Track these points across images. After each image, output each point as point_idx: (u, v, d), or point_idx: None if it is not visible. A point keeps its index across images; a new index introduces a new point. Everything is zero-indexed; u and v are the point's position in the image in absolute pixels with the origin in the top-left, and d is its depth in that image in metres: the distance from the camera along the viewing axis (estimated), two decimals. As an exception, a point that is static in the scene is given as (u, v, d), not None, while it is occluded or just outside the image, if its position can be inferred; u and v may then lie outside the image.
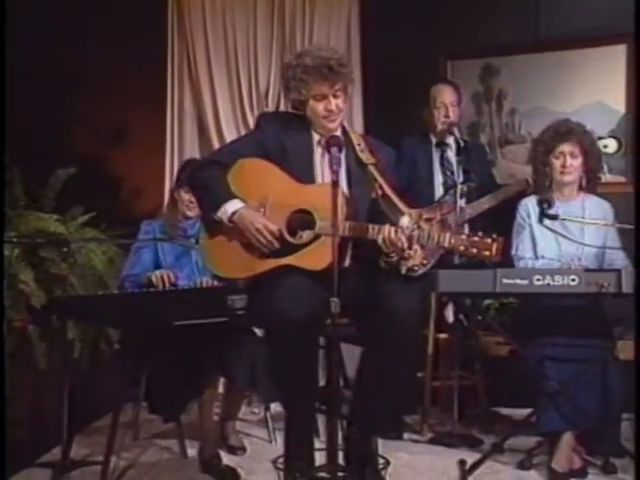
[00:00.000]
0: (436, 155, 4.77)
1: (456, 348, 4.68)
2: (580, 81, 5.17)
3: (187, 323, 3.70)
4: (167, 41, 5.60)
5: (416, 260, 4.10)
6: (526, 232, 4.22)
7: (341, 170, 3.32)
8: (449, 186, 4.65)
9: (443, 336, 4.77)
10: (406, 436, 4.61)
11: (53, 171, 4.95)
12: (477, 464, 3.93)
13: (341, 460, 3.20)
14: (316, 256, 3.21)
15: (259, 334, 4.13)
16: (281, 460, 3.35)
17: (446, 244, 3.09)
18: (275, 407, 4.45)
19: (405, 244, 3.15)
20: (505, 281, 3.68)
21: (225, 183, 3.37)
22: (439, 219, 4.54)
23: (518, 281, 3.69)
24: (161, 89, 5.61)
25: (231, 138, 4.87)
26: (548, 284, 3.66)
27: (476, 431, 4.61)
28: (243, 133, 5.11)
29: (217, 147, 5.14)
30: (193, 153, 5.40)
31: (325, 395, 3.25)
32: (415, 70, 5.18)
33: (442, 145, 4.77)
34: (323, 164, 3.37)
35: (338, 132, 3.45)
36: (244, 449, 4.38)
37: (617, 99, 5.10)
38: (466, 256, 3.18)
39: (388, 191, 3.35)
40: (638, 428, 3.58)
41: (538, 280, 3.67)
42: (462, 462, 4.03)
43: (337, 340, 3.12)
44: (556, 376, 3.86)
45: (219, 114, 5.57)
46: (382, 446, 3.50)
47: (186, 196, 4.37)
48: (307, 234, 3.28)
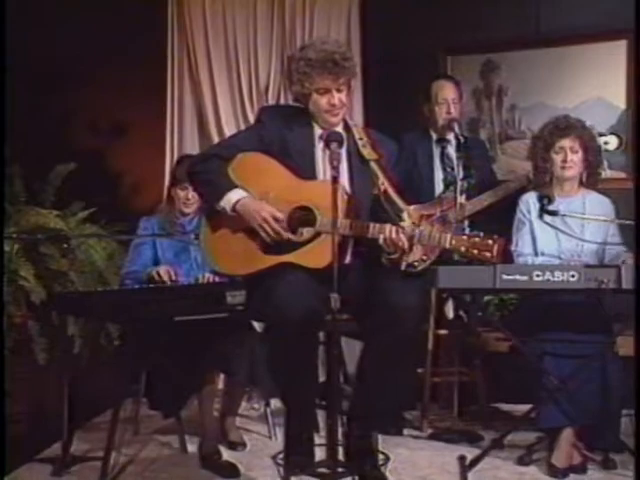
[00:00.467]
0: (436, 151, 4.76)
1: (456, 344, 4.71)
2: (580, 77, 5.17)
3: (187, 319, 3.71)
4: (167, 36, 5.61)
5: (416, 256, 4.13)
6: (526, 228, 4.21)
7: (342, 166, 3.32)
8: (449, 182, 4.64)
9: (443, 332, 4.75)
10: (406, 432, 4.61)
11: (53, 167, 4.95)
12: (477, 460, 3.92)
13: (341, 456, 3.19)
14: (316, 254, 3.21)
15: (259, 330, 4.14)
16: (281, 456, 3.35)
17: (447, 245, 3.10)
18: (275, 403, 4.45)
19: (406, 244, 3.16)
20: (505, 277, 3.67)
21: (226, 174, 3.36)
22: (439, 215, 4.54)
23: (518, 277, 3.68)
24: (161, 84, 5.62)
25: (231, 133, 4.86)
26: (548, 280, 3.66)
27: (476, 427, 4.61)
28: (243, 128, 5.10)
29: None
30: (193, 148, 5.41)
31: (325, 391, 3.24)
32: (415, 65, 5.19)
33: (442, 141, 4.76)
34: (325, 159, 3.34)
35: (340, 126, 3.43)
36: (244, 445, 4.38)
37: (617, 95, 5.10)
38: (466, 257, 3.17)
39: (389, 188, 3.33)
40: (638, 424, 3.58)
41: (538, 276, 3.67)
42: (462, 458, 4.02)
43: (337, 336, 3.13)
44: (556, 372, 3.86)
45: (219, 109, 5.58)
46: (382, 442, 3.50)
47: (182, 193, 4.37)
48: (308, 231, 3.28)
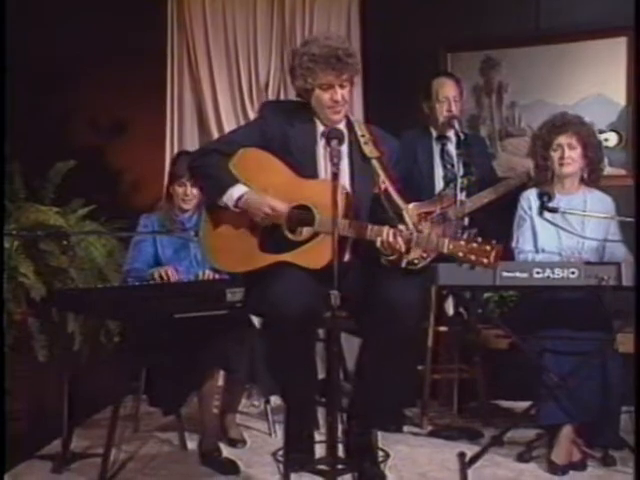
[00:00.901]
0: (436, 148, 4.76)
1: (456, 341, 4.72)
2: (580, 74, 5.15)
3: (187, 316, 3.70)
4: (167, 34, 5.60)
5: (416, 253, 4.12)
6: (527, 225, 4.22)
7: (344, 163, 3.32)
8: (449, 179, 4.64)
9: (443, 329, 4.76)
10: (406, 429, 4.62)
11: (53, 164, 4.95)
12: (477, 457, 3.92)
13: (341, 453, 3.20)
14: (314, 254, 3.20)
15: (258, 327, 4.14)
16: (281, 452, 3.36)
17: (444, 250, 3.08)
18: (275, 400, 4.46)
19: (403, 248, 3.14)
20: (505, 274, 3.68)
21: (228, 169, 3.35)
22: (439, 212, 4.55)
23: (518, 274, 3.68)
24: (161, 82, 5.61)
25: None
26: (548, 277, 3.66)
27: (476, 424, 4.61)
28: (244, 124, 5.10)
29: (217, 139, 5.14)
30: (193, 146, 5.40)
31: (325, 388, 3.24)
32: (415, 63, 5.17)
33: (442, 138, 4.76)
34: (326, 156, 3.31)
35: (343, 123, 3.42)
36: (244, 442, 4.39)
37: (617, 92, 5.09)
38: (463, 262, 3.16)
39: (390, 187, 3.32)
40: (638, 421, 3.58)
41: (538, 273, 3.67)
42: (462, 454, 4.01)
43: (337, 333, 3.13)
44: (556, 369, 3.87)
45: (219, 106, 5.57)
46: (382, 439, 3.52)
47: (180, 189, 4.39)
48: (307, 230, 3.27)
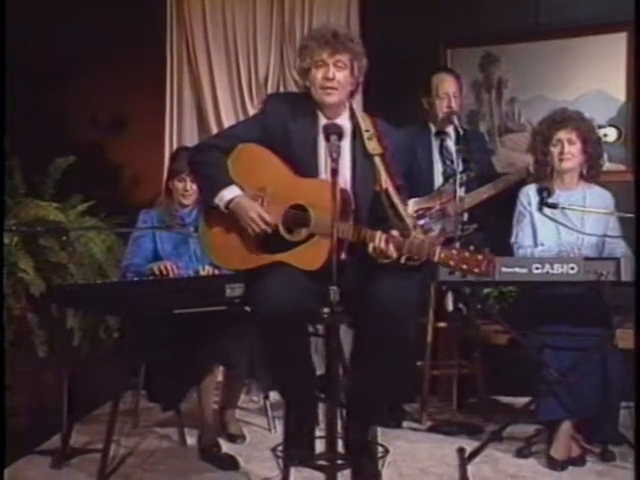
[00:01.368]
0: (435, 144, 4.76)
1: (455, 337, 4.72)
2: (580, 69, 5.15)
3: (186, 312, 3.69)
4: (166, 29, 5.60)
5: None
6: (526, 220, 4.23)
7: (345, 159, 3.29)
8: (449, 175, 4.64)
9: (442, 325, 4.76)
10: (405, 424, 4.63)
11: (52, 160, 4.96)
12: (476, 452, 3.95)
13: (341, 448, 3.19)
14: (309, 255, 3.17)
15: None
16: (280, 448, 3.36)
17: (436, 258, 3.01)
18: (274, 395, 4.45)
19: (394, 255, 3.08)
20: (504, 270, 3.70)
21: (224, 168, 3.34)
22: (438, 208, 4.55)
23: (517, 269, 3.70)
24: (160, 78, 5.60)
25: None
26: (547, 272, 3.68)
27: (475, 419, 4.62)
28: (247, 117, 5.09)
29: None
30: (192, 141, 5.38)
31: (324, 383, 3.24)
32: (415, 58, 5.17)
33: (442, 134, 4.76)
34: (327, 152, 3.21)
35: (346, 116, 3.38)
36: (244, 437, 4.40)
37: (617, 87, 5.08)
38: (455, 271, 3.13)
39: (390, 187, 3.25)
40: (638, 417, 3.59)
41: (537, 269, 3.69)
42: (461, 450, 4.05)
43: (336, 328, 3.11)
44: (555, 364, 3.89)
45: (218, 102, 5.56)
46: (381, 434, 3.50)
47: (180, 185, 4.39)
48: (303, 231, 3.23)
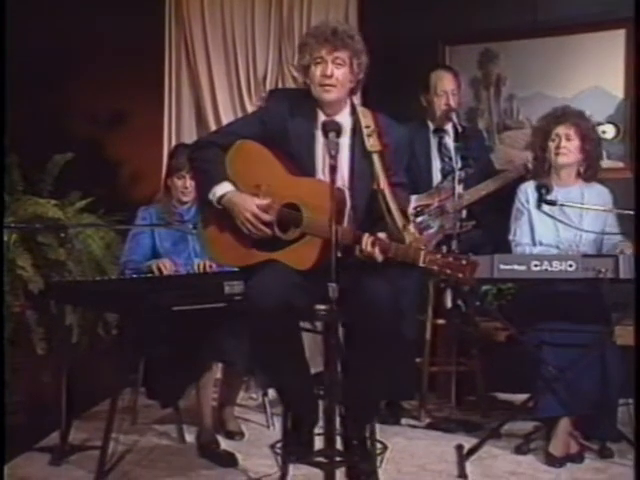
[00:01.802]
0: (434, 141, 4.77)
1: (454, 334, 4.72)
2: (579, 67, 5.16)
3: (185, 309, 3.71)
4: (165, 27, 5.60)
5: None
6: (524, 217, 4.24)
7: (344, 156, 3.28)
8: (447, 172, 4.65)
9: (441, 322, 4.78)
10: (404, 421, 4.64)
11: (51, 157, 4.97)
12: (474, 449, 3.97)
13: (340, 445, 3.21)
14: (300, 255, 3.18)
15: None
16: (279, 445, 3.38)
17: (420, 263, 3.00)
18: (273, 393, 4.45)
19: (379, 258, 3.08)
20: (503, 267, 3.71)
21: (221, 165, 3.34)
22: (437, 205, 4.57)
23: (516, 267, 3.71)
24: (159, 75, 5.61)
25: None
26: (546, 270, 3.69)
27: (474, 416, 4.63)
28: (247, 114, 5.08)
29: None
30: (191, 138, 5.36)
31: (323, 380, 3.24)
32: (414, 55, 5.18)
33: (440, 131, 4.78)
34: (325, 149, 3.21)
35: (347, 112, 3.37)
36: (242, 434, 4.41)
37: (616, 84, 5.09)
38: (438, 276, 3.13)
39: (386, 187, 3.24)
40: (638, 414, 3.60)
41: (536, 266, 3.70)
42: (460, 447, 4.09)
43: (335, 325, 3.09)
44: (554, 361, 3.89)
45: (217, 100, 5.57)
46: (380, 431, 3.52)
47: (179, 182, 4.40)
48: (297, 230, 3.23)
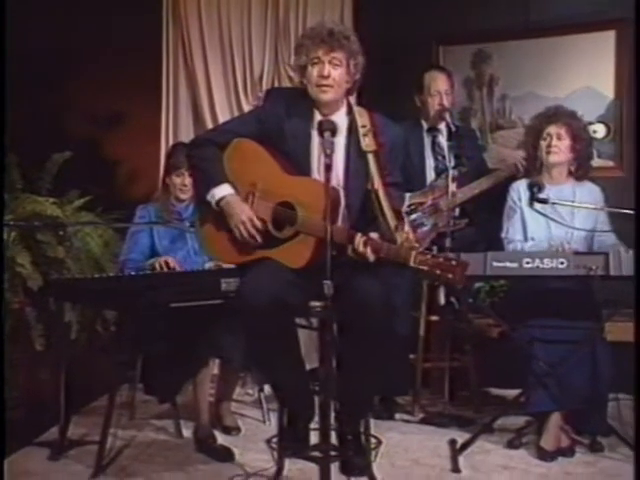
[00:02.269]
0: (428, 140, 4.80)
1: (447, 330, 4.74)
2: (570, 67, 5.19)
3: (182, 305, 3.73)
4: (162, 27, 5.60)
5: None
6: (517, 215, 4.27)
7: (339, 156, 3.30)
8: (441, 170, 4.68)
9: (435, 318, 4.79)
10: (398, 416, 4.67)
11: (49, 156, 4.96)
12: (467, 443, 4.00)
13: (334, 440, 3.24)
14: (293, 253, 3.21)
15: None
16: (275, 440, 3.40)
17: (410, 263, 3.00)
18: (269, 388, 4.45)
19: (371, 258, 3.10)
20: (495, 264, 3.74)
21: (219, 165, 3.36)
22: (431, 203, 4.59)
23: (508, 264, 3.74)
24: (157, 75, 5.60)
25: (226, 122, 4.90)
26: (537, 267, 3.72)
27: (467, 411, 4.66)
28: (244, 112, 5.12)
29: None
30: (188, 138, 5.31)
31: (319, 376, 3.25)
32: (408, 56, 5.22)
33: (434, 130, 4.80)
34: (321, 148, 3.23)
35: (344, 112, 3.38)
36: (239, 429, 4.43)
37: (606, 85, 5.13)
38: (428, 276, 3.12)
39: (380, 187, 3.25)
40: (638, 411, 3.63)
41: (527, 263, 3.73)
42: (453, 441, 4.11)
43: (330, 322, 3.14)
44: (545, 357, 3.93)
45: (214, 99, 5.57)
46: (374, 426, 3.54)
47: (178, 180, 4.42)
48: (291, 228, 3.25)
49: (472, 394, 4.76)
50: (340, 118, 3.34)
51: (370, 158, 3.29)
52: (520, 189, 4.28)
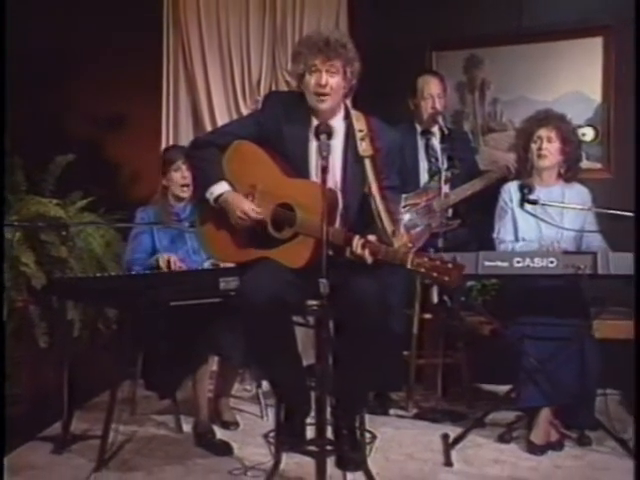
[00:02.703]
0: (421, 143, 4.85)
1: (440, 328, 4.76)
2: (560, 72, 5.24)
3: (182, 304, 3.78)
4: (163, 33, 5.61)
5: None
6: (508, 216, 4.32)
7: (336, 159, 3.32)
8: (434, 172, 4.73)
9: (428, 316, 4.83)
10: (392, 412, 4.72)
11: (53, 158, 4.95)
12: (459, 438, 4.06)
13: (330, 434, 3.29)
14: (292, 254, 3.23)
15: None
16: (272, 434, 3.44)
17: (408, 265, 3.01)
18: (266, 384, 4.45)
19: (369, 260, 3.11)
20: (487, 263, 3.79)
21: (218, 165, 3.38)
22: (424, 204, 4.63)
23: (499, 263, 3.79)
24: (157, 79, 5.61)
25: (225, 126, 4.93)
26: (528, 266, 3.77)
27: (459, 407, 4.70)
28: (244, 115, 5.12)
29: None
30: (188, 140, 5.39)
31: (315, 372, 3.29)
32: (402, 61, 5.26)
33: (427, 133, 4.85)
34: (318, 151, 3.19)
35: (341, 116, 3.40)
36: (237, 424, 4.47)
37: (594, 89, 5.20)
38: (425, 278, 3.19)
39: (376, 191, 3.27)
40: (638, 410, 3.67)
41: (518, 262, 3.78)
42: (445, 436, 4.16)
43: (326, 319, 3.16)
44: (535, 354, 3.98)
45: (213, 104, 5.59)
46: (369, 421, 3.57)
47: (177, 174, 4.46)
48: (290, 229, 3.28)
49: (464, 390, 4.80)
50: (337, 122, 3.36)
51: (367, 162, 3.31)
52: (511, 190, 4.33)
